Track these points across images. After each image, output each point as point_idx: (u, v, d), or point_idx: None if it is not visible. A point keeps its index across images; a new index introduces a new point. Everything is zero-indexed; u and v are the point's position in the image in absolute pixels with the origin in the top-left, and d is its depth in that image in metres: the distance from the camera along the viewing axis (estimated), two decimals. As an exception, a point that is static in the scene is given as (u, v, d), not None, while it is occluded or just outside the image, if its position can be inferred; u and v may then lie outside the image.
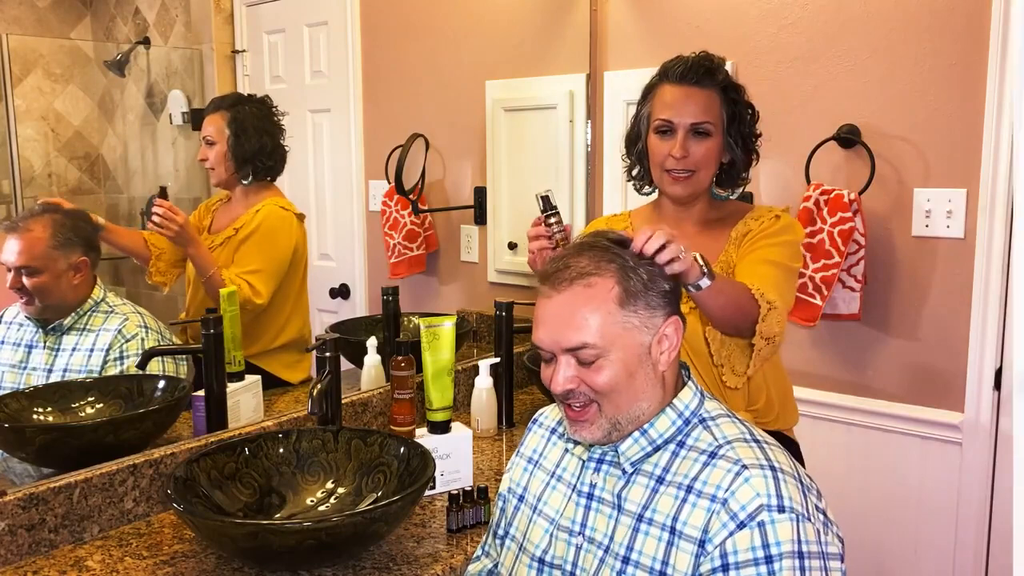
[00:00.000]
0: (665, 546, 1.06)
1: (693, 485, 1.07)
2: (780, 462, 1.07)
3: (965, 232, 1.97)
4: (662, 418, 1.13)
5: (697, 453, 1.10)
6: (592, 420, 1.12)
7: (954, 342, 2.01)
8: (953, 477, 2.02)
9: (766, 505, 1.01)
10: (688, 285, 1.23)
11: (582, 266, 1.11)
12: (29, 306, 1.60)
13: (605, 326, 1.08)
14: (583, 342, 1.09)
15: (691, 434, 1.13)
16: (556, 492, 1.22)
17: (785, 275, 1.54)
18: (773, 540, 0.99)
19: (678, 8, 2.32)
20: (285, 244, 1.89)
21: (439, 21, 2.43)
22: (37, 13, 1.72)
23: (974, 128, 1.93)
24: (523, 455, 1.32)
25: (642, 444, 1.13)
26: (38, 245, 1.57)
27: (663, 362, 1.12)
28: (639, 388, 1.11)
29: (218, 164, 1.83)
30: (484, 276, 2.51)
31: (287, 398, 1.92)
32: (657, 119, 1.55)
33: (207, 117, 1.84)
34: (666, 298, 1.13)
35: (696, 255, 1.23)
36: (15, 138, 1.67)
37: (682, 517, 1.06)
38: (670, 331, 1.12)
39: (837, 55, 2.09)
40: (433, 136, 2.34)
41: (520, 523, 1.25)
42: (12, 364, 1.63)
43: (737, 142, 1.57)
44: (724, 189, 1.63)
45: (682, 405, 1.14)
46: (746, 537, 1.00)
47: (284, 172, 1.92)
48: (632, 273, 1.10)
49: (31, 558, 1.38)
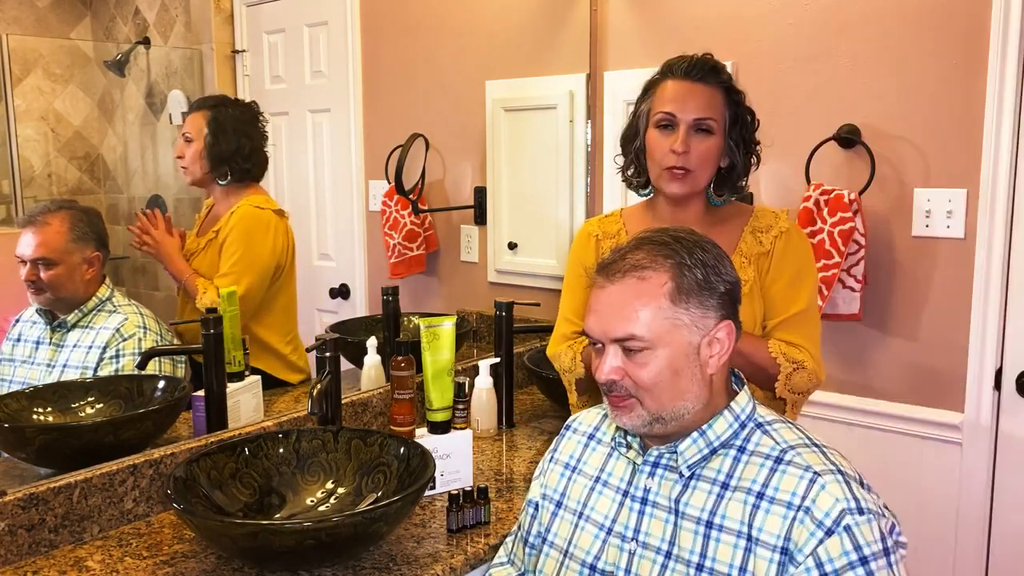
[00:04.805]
0: (743, 553, 1.06)
1: (764, 492, 1.07)
2: (844, 466, 1.09)
3: (965, 232, 1.97)
4: (720, 420, 1.13)
5: (761, 458, 1.10)
6: (632, 408, 1.12)
7: (954, 342, 2.01)
8: (953, 477, 2.02)
9: (848, 509, 1.02)
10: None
11: (638, 259, 1.12)
12: (39, 295, 1.63)
13: (654, 320, 1.09)
14: (631, 333, 1.09)
15: (750, 439, 1.13)
16: (603, 497, 1.21)
17: (811, 317, 1.55)
18: (863, 542, 1.01)
19: (678, 8, 2.32)
20: (262, 241, 1.86)
21: (439, 21, 2.43)
22: (37, 13, 1.72)
23: (974, 128, 1.93)
24: (558, 460, 1.30)
25: (700, 446, 1.13)
26: (57, 238, 1.62)
27: (712, 365, 1.12)
28: (684, 387, 1.11)
29: (193, 162, 1.83)
30: (484, 276, 2.51)
31: (287, 398, 1.92)
32: (659, 112, 1.52)
33: (189, 115, 1.84)
34: (721, 299, 1.12)
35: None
36: (15, 138, 1.67)
37: (757, 523, 1.06)
38: (722, 335, 1.12)
39: (837, 55, 2.09)
40: (433, 136, 2.34)
41: (562, 529, 1.24)
42: (23, 360, 1.66)
43: (738, 145, 1.54)
44: (721, 194, 1.59)
45: (739, 408, 1.15)
46: (836, 543, 1.01)
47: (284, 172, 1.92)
48: (688, 271, 1.11)
49: (31, 558, 1.38)
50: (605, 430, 1.28)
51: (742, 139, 1.55)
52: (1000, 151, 1.89)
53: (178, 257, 1.80)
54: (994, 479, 1.99)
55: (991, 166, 1.90)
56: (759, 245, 1.57)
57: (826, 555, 1.01)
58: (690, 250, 1.13)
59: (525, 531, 1.32)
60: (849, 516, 1.02)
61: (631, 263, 1.12)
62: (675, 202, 1.57)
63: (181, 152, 1.83)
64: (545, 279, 2.48)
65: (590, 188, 2.53)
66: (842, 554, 1.00)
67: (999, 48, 1.87)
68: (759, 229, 1.58)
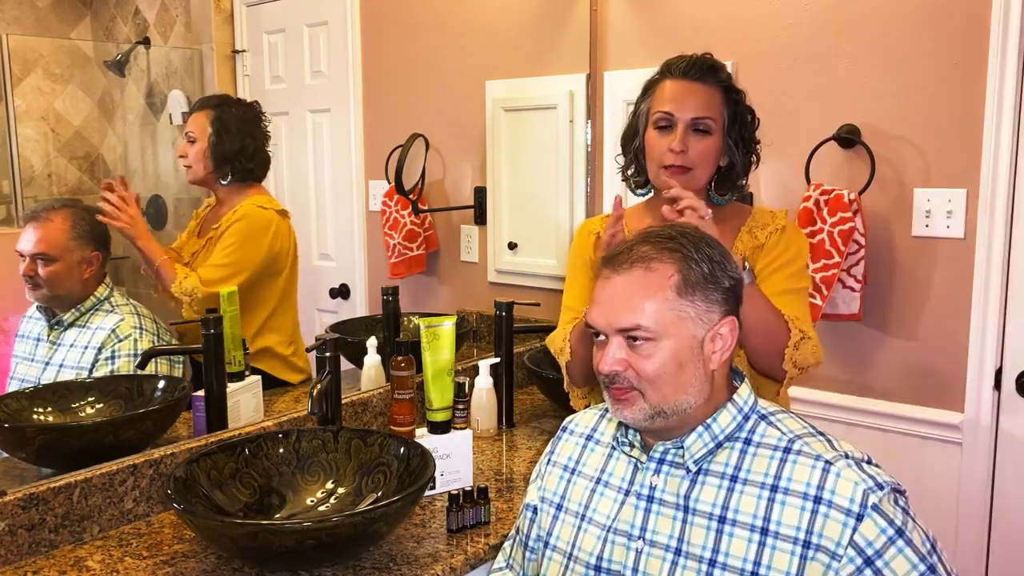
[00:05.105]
0: (756, 547, 1.06)
1: (778, 484, 1.08)
2: (849, 450, 1.10)
3: (965, 232, 1.97)
4: (724, 413, 1.13)
5: (770, 450, 1.11)
6: (633, 401, 1.12)
7: (954, 342, 2.01)
8: (953, 477, 2.02)
9: (869, 488, 1.04)
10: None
11: (644, 251, 1.12)
12: (36, 291, 1.64)
13: (660, 311, 1.09)
14: (636, 323, 1.09)
15: (755, 430, 1.13)
16: (605, 498, 1.20)
17: (803, 300, 1.55)
18: (891, 515, 1.03)
19: (678, 8, 2.32)
20: (258, 241, 1.85)
21: (439, 21, 2.43)
22: (37, 13, 1.72)
23: (974, 128, 1.93)
24: (556, 463, 1.30)
25: (705, 440, 1.13)
26: (57, 235, 1.63)
27: (715, 360, 1.12)
28: (687, 381, 1.11)
29: (196, 162, 1.82)
30: (484, 276, 2.51)
31: (287, 398, 1.92)
32: (657, 112, 1.52)
33: (192, 115, 1.84)
34: (725, 295, 1.13)
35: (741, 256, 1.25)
36: (15, 138, 1.67)
37: (774, 517, 1.06)
38: (725, 330, 1.12)
39: (837, 55, 2.09)
40: (433, 136, 2.34)
41: (563, 532, 1.23)
42: (24, 356, 1.67)
43: (737, 145, 1.54)
44: (722, 193, 1.59)
45: (741, 400, 1.15)
46: (870, 525, 1.02)
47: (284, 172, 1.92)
48: (694, 264, 1.11)
49: (31, 558, 1.38)
50: (603, 430, 1.28)
51: (741, 138, 1.55)
52: (1000, 151, 1.89)
53: (152, 237, 1.75)
54: (994, 479, 1.99)
55: (991, 166, 1.90)
56: (754, 239, 1.57)
57: (863, 540, 1.02)
58: (696, 245, 1.13)
59: (524, 535, 1.32)
60: (872, 495, 1.03)
61: (638, 255, 1.12)
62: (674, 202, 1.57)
63: (184, 152, 1.83)
64: (545, 279, 2.48)
65: (590, 188, 2.53)
66: (879, 533, 1.02)
67: (999, 48, 1.87)
68: (756, 227, 1.59)
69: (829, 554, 1.02)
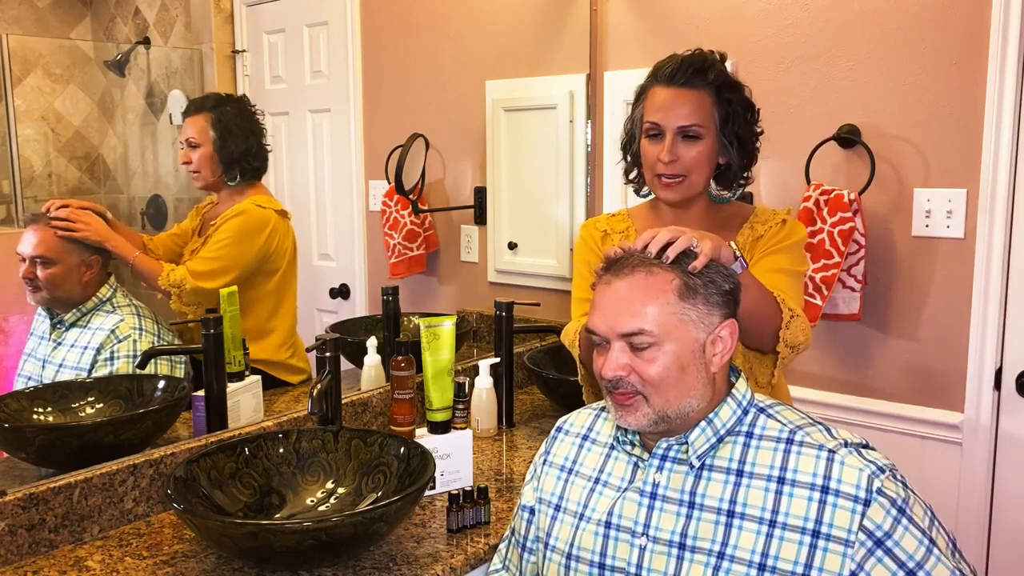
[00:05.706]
0: (765, 539, 1.07)
1: (784, 476, 1.09)
2: (847, 437, 1.12)
3: (965, 232, 1.97)
4: (724, 408, 1.14)
5: (772, 442, 1.12)
6: (637, 407, 1.12)
7: (954, 342, 2.01)
8: (953, 477, 2.02)
9: (872, 473, 1.06)
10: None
11: (645, 256, 1.14)
12: (36, 293, 1.64)
13: (663, 315, 1.10)
14: (639, 328, 1.09)
15: (755, 423, 1.14)
16: (604, 497, 1.20)
17: (797, 281, 1.55)
18: (893, 495, 1.05)
19: (678, 8, 2.32)
20: (251, 239, 1.84)
21: (439, 21, 2.43)
22: (37, 13, 1.72)
23: (974, 128, 1.93)
24: (552, 463, 1.30)
25: (708, 435, 1.13)
26: (57, 238, 1.63)
27: (715, 363, 1.13)
28: (690, 384, 1.11)
29: (203, 167, 1.82)
30: (484, 276, 2.51)
31: (287, 398, 1.92)
32: (647, 122, 1.52)
33: (187, 119, 1.82)
34: (725, 298, 1.14)
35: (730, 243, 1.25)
36: (15, 138, 1.67)
37: (782, 508, 1.07)
38: (725, 333, 1.13)
39: (837, 55, 2.10)
40: (433, 136, 2.34)
41: (562, 532, 1.23)
42: (29, 353, 1.67)
43: (732, 143, 1.52)
44: (724, 190, 1.59)
45: (739, 395, 1.16)
46: (877, 509, 1.04)
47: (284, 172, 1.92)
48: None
49: (31, 558, 1.38)
50: (599, 430, 1.28)
51: (736, 135, 1.53)
52: (1000, 151, 1.89)
53: (118, 236, 1.72)
54: (994, 479, 1.99)
55: (991, 166, 1.90)
56: (753, 232, 1.58)
57: (872, 524, 1.03)
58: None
59: (521, 536, 1.31)
60: (876, 479, 1.05)
61: (639, 260, 1.13)
62: (674, 205, 1.58)
63: (187, 158, 1.82)
64: (545, 279, 2.48)
65: (590, 188, 2.53)
66: (885, 515, 1.04)
67: (999, 48, 1.87)
68: (757, 223, 1.59)
69: (842, 542, 1.04)
